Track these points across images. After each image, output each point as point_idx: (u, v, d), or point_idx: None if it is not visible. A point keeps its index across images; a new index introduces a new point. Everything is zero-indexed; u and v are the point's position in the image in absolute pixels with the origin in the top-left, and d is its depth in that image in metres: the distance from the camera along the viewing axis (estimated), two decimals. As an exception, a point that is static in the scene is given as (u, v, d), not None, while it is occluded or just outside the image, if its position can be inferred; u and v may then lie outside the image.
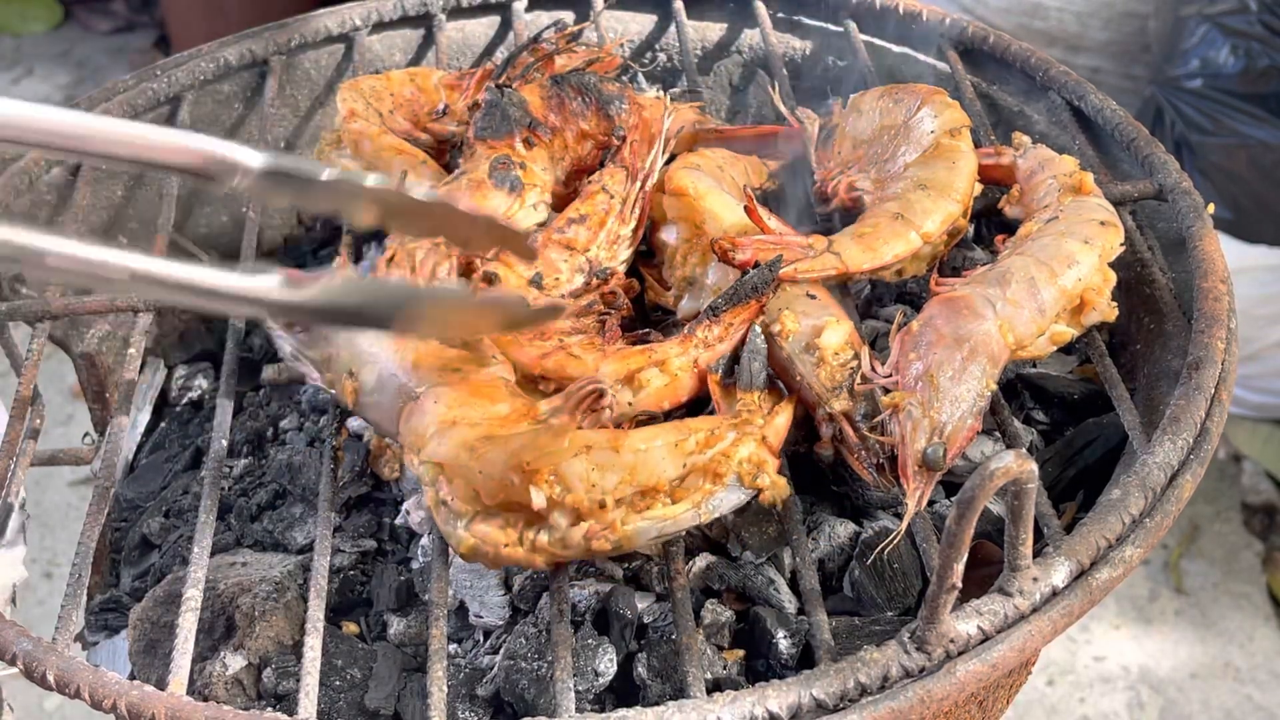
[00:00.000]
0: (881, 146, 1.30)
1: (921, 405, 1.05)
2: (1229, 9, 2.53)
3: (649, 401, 1.07)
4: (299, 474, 1.25)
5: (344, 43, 1.61)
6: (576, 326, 1.16)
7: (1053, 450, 1.25)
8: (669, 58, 1.67)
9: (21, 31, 4.29)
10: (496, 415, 1.02)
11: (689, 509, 0.98)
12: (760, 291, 1.10)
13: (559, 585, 1.01)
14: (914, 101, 1.31)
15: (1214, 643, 2.55)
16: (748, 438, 1.00)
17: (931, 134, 1.27)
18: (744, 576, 1.11)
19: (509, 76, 1.42)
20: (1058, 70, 1.46)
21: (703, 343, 1.09)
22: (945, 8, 1.61)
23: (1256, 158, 2.55)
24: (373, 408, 1.09)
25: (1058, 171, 1.25)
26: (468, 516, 0.99)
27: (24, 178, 1.40)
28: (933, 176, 1.23)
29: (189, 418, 1.46)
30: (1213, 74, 2.55)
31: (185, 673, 0.96)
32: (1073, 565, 0.95)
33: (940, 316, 1.11)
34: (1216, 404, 1.08)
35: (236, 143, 0.89)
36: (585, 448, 0.97)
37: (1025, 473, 0.81)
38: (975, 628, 0.91)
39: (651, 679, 1.05)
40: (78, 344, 1.47)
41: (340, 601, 1.18)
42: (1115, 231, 1.17)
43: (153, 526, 1.30)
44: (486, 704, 1.07)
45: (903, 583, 1.11)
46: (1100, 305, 1.15)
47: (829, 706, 0.89)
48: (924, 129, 1.28)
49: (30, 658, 0.94)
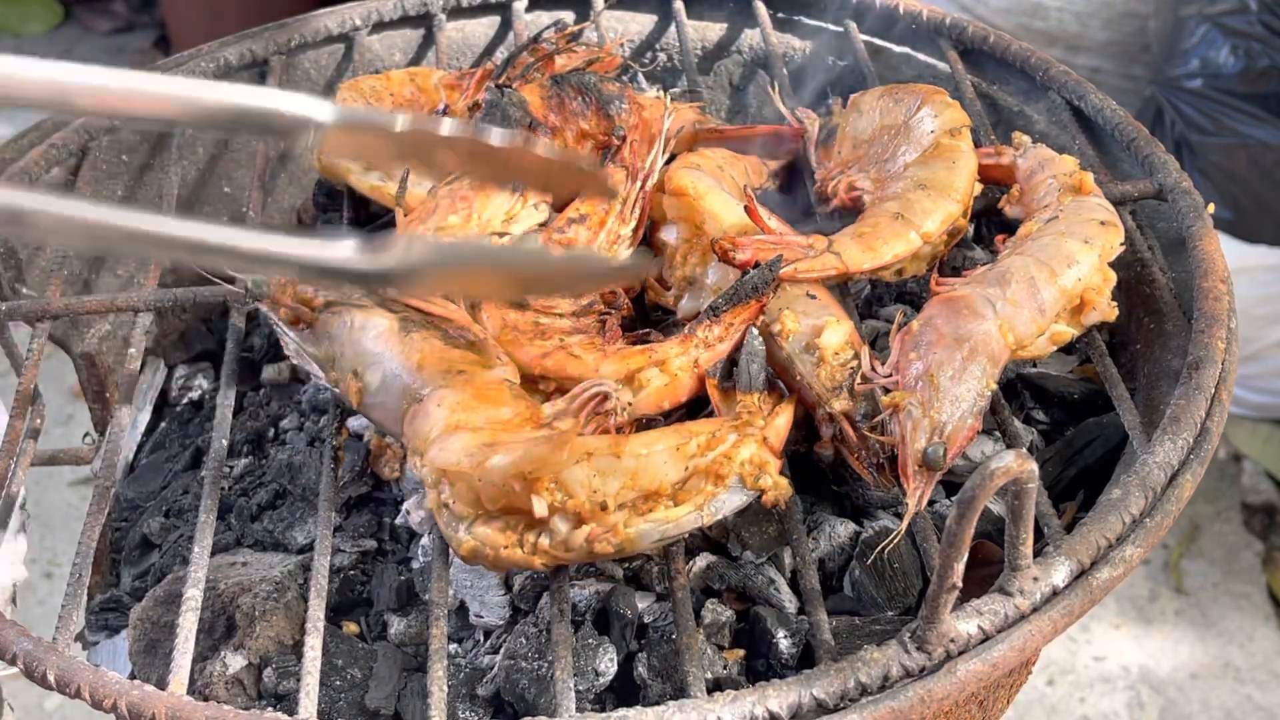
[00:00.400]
0: (881, 146, 1.30)
1: (921, 405, 1.05)
2: (1229, 9, 2.53)
3: (649, 401, 1.07)
4: (299, 474, 1.25)
5: (344, 43, 1.61)
6: (577, 326, 1.16)
7: (1053, 450, 1.25)
8: (669, 58, 1.67)
9: (21, 31, 4.28)
10: (500, 419, 1.02)
11: (691, 511, 0.98)
12: (760, 291, 1.10)
13: (559, 585, 1.01)
14: (914, 101, 1.31)
15: (1214, 643, 2.55)
16: (749, 439, 1.00)
17: (932, 134, 1.27)
18: (744, 576, 1.11)
19: (509, 76, 1.42)
20: (1058, 70, 1.46)
21: (703, 342, 1.09)
22: (945, 8, 1.61)
23: (1256, 158, 2.55)
24: (377, 408, 1.09)
25: (1058, 171, 1.25)
26: (469, 519, 0.99)
27: (24, 177, 1.40)
28: (933, 176, 1.23)
29: (189, 418, 1.46)
30: (1213, 74, 2.55)
31: (185, 672, 0.96)
32: (1073, 565, 0.95)
33: (940, 316, 1.11)
34: (1217, 404, 1.08)
35: (308, 96, 0.88)
36: (586, 454, 0.96)
37: (1025, 472, 0.81)
38: (976, 627, 0.91)
39: (652, 679, 1.05)
40: (78, 344, 1.47)
41: (340, 601, 1.18)
42: (1115, 231, 1.18)
43: (153, 526, 1.30)
44: (487, 704, 1.07)
45: (903, 582, 1.11)
46: (1100, 305, 1.15)
47: (829, 706, 0.89)
48: (924, 129, 1.28)
49: (30, 657, 0.94)
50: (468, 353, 1.08)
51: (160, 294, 1.27)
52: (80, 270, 1.50)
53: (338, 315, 1.13)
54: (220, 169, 1.59)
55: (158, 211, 0.83)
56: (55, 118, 1.47)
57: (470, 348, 1.09)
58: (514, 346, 1.12)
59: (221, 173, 1.60)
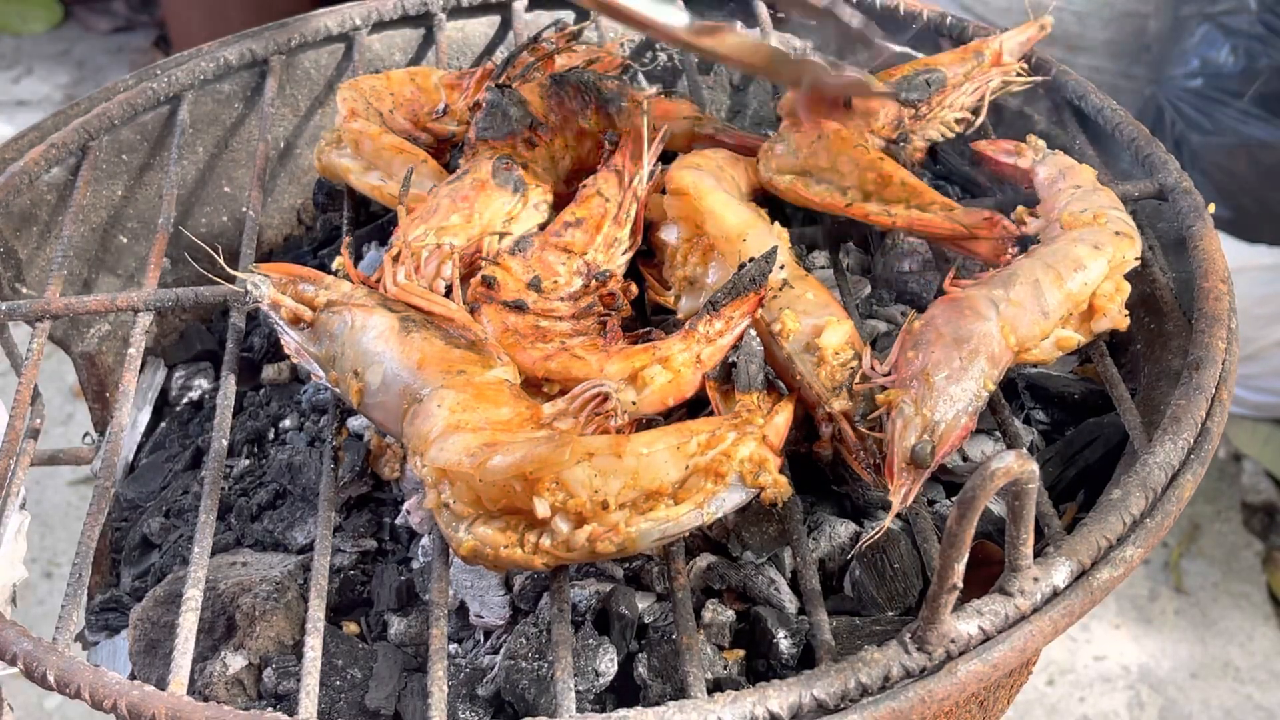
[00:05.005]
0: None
1: (915, 403, 1.05)
2: (1229, 9, 2.53)
3: (653, 399, 1.07)
4: (299, 474, 1.25)
5: (344, 42, 1.61)
6: (577, 329, 1.15)
7: (1053, 450, 1.25)
8: (669, 58, 1.67)
9: (21, 31, 4.29)
10: (500, 419, 1.02)
11: (692, 509, 0.98)
12: (758, 284, 1.09)
13: (559, 585, 1.01)
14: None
15: (1214, 642, 2.55)
16: (748, 437, 1.00)
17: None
18: (745, 576, 1.11)
19: (509, 76, 1.42)
20: (1058, 70, 1.46)
21: (704, 338, 1.09)
22: (945, 7, 1.61)
23: (1256, 158, 2.55)
24: (377, 408, 1.09)
25: (1079, 181, 1.24)
26: (469, 519, 0.99)
27: (24, 177, 1.40)
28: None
29: (189, 418, 1.46)
30: (1213, 74, 2.55)
31: (185, 673, 0.96)
32: (1073, 565, 0.95)
33: (941, 316, 1.11)
34: (1217, 404, 1.08)
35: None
36: (587, 454, 0.96)
37: (1026, 473, 0.81)
38: (976, 628, 0.91)
39: (652, 679, 1.05)
40: (78, 344, 1.47)
41: (340, 601, 1.18)
42: (1129, 242, 1.17)
43: (153, 526, 1.30)
44: (487, 704, 1.07)
45: (903, 583, 1.11)
46: (1111, 312, 1.14)
47: (830, 706, 0.89)
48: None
49: (30, 658, 0.94)
50: (468, 353, 1.08)
51: (160, 294, 1.27)
52: (80, 270, 1.50)
53: (338, 315, 1.13)
54: (220, 169, 1.59)
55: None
56: (57, 117, 1.47)
57: (471, 348, 1.09)
58: (516, 349, 1.12)
59: (221, 173, 1.60)
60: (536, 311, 1.16)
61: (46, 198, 1.45)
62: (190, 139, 1.55)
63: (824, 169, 1.28)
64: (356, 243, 1.37)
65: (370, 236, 1.47)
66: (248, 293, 1.16)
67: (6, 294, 1.42)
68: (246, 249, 1.33)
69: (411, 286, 1.16)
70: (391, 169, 1.34)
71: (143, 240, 1.54)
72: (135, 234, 1.54)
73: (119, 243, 1.53)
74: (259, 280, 1.16)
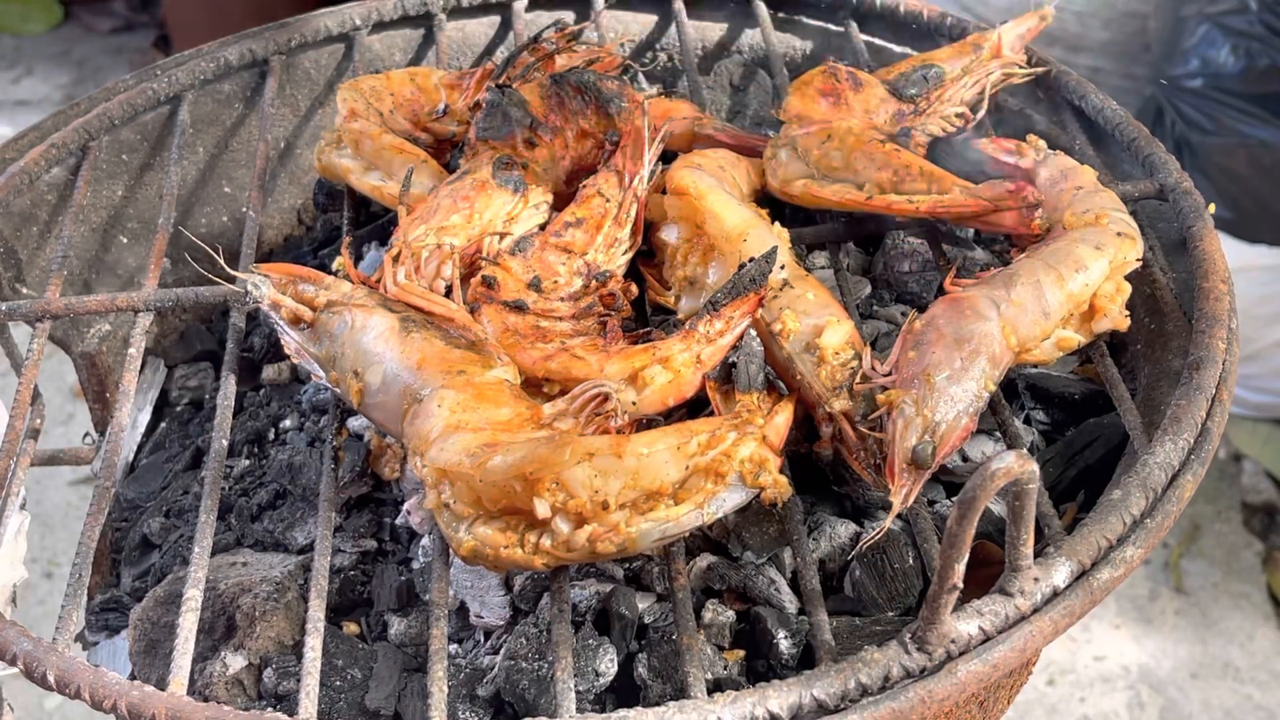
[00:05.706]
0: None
1: (916, 403, 1.05)
2: (1229, 9, 2.53)
3: (654, 399, 1.07)
4: (299, 474, 1.25)
5: (344, 42, 1.61)
6: (577, 329, 1.15)
7: (1053, 450, 1.25)
8: (669, 58, 1.67)
9: (21, 31, 4.29)
10: (500, 419, 1.02)
11: (692, 509, 0.98)
12: (758, 283, 1.09)
13: (560, 585, 1.01)
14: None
15: (1214, 643, 2.55)
16: (748, 437, 1.00)
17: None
18: (745, 577, 1.11)
19: (509, 76, 1.42)
20: (1058, 70, 1.46)
21: (704, 337, 1.09)
22: (946, 7, 1.62)
23: (1256, 158, 2.55)
24: (377, 408, 1.09)
25: (1080, 182, 1.24)
26: (469, 519, 0.99)
27: (24, 177, 1.40)
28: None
29: (189, 418, 1.46)
30: (1213, 74, 2.55)
31: (186, 673, 0.96)
32: (1074, 565, 0.95)
33: (942, 316, 1.11)
34: (1217, 404, 1.08)
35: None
36: (588, 455, 0.96)
37: (1026, 473, 0.81)
38: (976, 628, 0.91)
39: (652, 679, 1.05)
40: (78, 344, 1.47)
41: (341, 601, 1.18)
42: (1131, 244, 1.17)
43: (153, 526, 1.29)
44: (487, 704, 1.07)
45: (904, 583, 1.11)
46: (1112, 312, 1.14)
47: (830, 707, 0.89)
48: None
49: (30, 658, 0.94)
50: (468, 353, 1.08)
51: (160, 294, 1.27)
52: (80, 270, 1.50)
53: (338, 315, 1.13)
54: (220, 169, 1.59)
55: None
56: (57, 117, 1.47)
57: (471, 348, 1.09)
58: (516, 349, 1.12)
59: (221, 173, 1.60)
60: (537, 312, 1.16)
61: (46, 198, 1.45)
62: (190, 139, 1.55)
63: (838, 169, 1.28)
64: (356, 243, 1.37)
65: (370, 237, 1.47)
66: (248, 293, 1.16)
67: (6, 294, 1.42)
68: (246, 249, 1.33)
69: (412, 286, 1.16)
70: (392, 169, 1.34)
71: (143, 240, 1.54)
72: (135, 234, 1.54)
73: (119, 243, 1.53)
74: (259, 280, 1.16)
